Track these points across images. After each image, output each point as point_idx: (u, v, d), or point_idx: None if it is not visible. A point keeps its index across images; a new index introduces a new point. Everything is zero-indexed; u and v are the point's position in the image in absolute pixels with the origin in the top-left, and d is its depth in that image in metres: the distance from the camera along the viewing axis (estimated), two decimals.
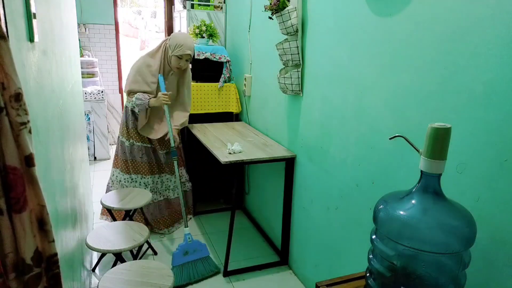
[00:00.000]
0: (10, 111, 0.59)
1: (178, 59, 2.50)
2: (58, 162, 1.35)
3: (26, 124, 0.62)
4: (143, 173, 2.74)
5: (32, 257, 0.64)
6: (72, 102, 2.03)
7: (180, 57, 2.49)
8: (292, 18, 2.03)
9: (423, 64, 1.31)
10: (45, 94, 1.19)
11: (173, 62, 2.52)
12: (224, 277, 2.35)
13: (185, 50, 2.47)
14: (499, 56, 1.05)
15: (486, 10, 1.08)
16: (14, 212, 0.61)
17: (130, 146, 2.69)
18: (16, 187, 0.61)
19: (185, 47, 2.46)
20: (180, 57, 2.49)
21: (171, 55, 2.49)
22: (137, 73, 2.55)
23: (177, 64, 2.52)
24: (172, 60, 2.51)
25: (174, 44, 2.47)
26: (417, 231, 0.89)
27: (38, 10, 1.13)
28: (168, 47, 2.51)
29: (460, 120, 1.18)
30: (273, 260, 2.52)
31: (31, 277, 0.65)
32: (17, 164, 0.61)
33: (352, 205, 1.78)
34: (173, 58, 2.50)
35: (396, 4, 1.42)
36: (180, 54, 2.47)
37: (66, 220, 1.45)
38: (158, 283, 1.55)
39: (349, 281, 1.16)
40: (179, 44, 2.46)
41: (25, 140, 0.61)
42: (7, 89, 0.58)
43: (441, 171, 0.91)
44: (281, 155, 2.27)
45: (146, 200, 2.33)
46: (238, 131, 2.80)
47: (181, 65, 2.53)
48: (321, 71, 1.97)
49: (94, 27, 4.64)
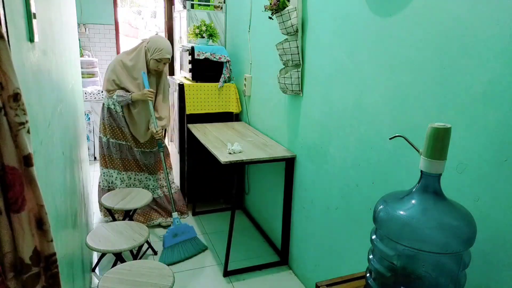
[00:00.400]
0: (9, 111, 0.59)
1: (157, 62, 2.63)
2: (58, 162, 1.35)
3: (24, 124, 0.62)
4: (119, 168, 2.83)
5: (30, 256, 0.65)
6: (72, 102, 2.03)
7: (159, 60, 2.62)
8: (292, 18, 2.03)
9: (423, 64, 1.31)
10: (45, 94, 1.19)
11: (151, 65, 2.64)
12: (224, 277, 2.35)
13: (164, 54, 2.60)
14: (499, 56, 1.05)
15: (486, 10, 1.08)
16: (13, 212, 0.62)
17: (107, 142, 2.79)
18: (15, 187, 0.61)
19: (164, 51, 2.60)
20: (159, 60, 2.62)
21: (150, 58, 2.62)
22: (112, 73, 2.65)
23: (155, 66, 2.64)
24: (151, 62, 2.63)
25: (154, 48, 2.59)
26: (417, 231, 0.89)
27: (38, 10, 1.13)
28: (146, 50, 2.63)
29: (460, 120, 1.18)
30: (273, 260, 2.52)
31: (29, 277, 0.66)
32: (16, 164, 0.61)
33: (352, 205, 1.78)
34: (152, 61, 2.62)
35: (396, 4, 1.42)
36: (160, 58, 2.60)
37: (66, 220, 1.45)
38: (158, 283, 1.55)
39: (349, 281, 1.16)
40: (159, 48, 2.59)
41: (23, 140, 0.61)
42: (6, 89, 0.58)
43: (441, 171, 0.91)
44: (281, 155, 2.27)
45: (146, 200, 2.33)
46: (238, 131, 2.80)
47: (159, 67, 2.66)
48: (321, 71, 1.97)
49: (94, 27, 4.64)
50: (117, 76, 2.64)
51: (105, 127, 2.76)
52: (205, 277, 2.35)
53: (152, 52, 2.59)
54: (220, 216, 3.14)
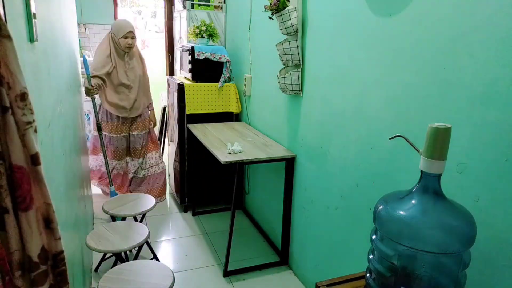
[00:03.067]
0: (16, 110, 0.59)
1: (125, 39, 2.88)
2: (58, 162, 1.35)
3: (31, 123, 0.63)
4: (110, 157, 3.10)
5: (38, 254, 0.65)
6: (72, 102, 2.03)
7: (125, 37, 2.87)
8: (292, 18, 2.03)
9: (423, 64, 1.31)
10: (45, 94, 1.19)
11: (122, 44, 2.88)
12: (224, 277, 2.35)
13: (125, 29, 2.86)
14: (499, 56, 1.05)
15: (486, 10, 1.09)
16: (21, 211, 0.62)
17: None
18: (22, 185, 0.61)
19: (124, 27, 2.87)
20: (125, 37, 2.87)
21: (118, 39, 2.87)
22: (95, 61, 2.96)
23: (125, 43, 2.89)
24: (120, 42, 2.88)
25: (116, 29, 2.88)
26: (417, 231, 0.89)
27: (38, 10, 1.13)
28: (113, 35, 2.90)
29: (460, 120, 1.18)
30: (273, 260, 2.53)
31: (38, 275, 0.66)
32: (23, 163, 0.61)
33: (352, 205, 1.78)
34: (121, 40, 2.88)
35: (396, 4, 1.42)
36: (124, 35, 2.86)
37: (66, 220, 1.45)
38: (158, 283, 1.55)
39: (349, 281, 1.17)
40: (119, 26, 2.88)
41: (30, 139, 0.62)
42: (13, 88, 0.58)
43: (441, 171, 0.91)
44: (281, 155, 2.28)
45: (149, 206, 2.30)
46: (238, 131, 2.80)
47: (129, 43, 2.90)
48: (321, 71, 1.97)
49: (94, 27, 4.64)
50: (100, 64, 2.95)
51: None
52: (205, 277, 2.35)
53: (117, 33, 2.87)
54: (220, 216, 3.14)
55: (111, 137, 3.06)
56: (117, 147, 3.09)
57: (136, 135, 3.13)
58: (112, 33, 2.90)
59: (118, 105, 2.97)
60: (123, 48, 2.90)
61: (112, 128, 3.04)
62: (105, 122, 3.02)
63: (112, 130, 3.04)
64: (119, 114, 3.00)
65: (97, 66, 2.88)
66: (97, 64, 2.89)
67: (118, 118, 3.03)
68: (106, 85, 2.92)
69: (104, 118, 3.02)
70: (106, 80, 2.91)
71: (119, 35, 2.87)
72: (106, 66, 2.89)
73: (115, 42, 2.90)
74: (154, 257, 2.38)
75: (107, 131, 3.04)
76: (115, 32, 2.88)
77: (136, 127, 3.13)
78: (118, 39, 2.87)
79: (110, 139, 3.06)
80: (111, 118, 3.02)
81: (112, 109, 2.97)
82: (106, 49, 2.91)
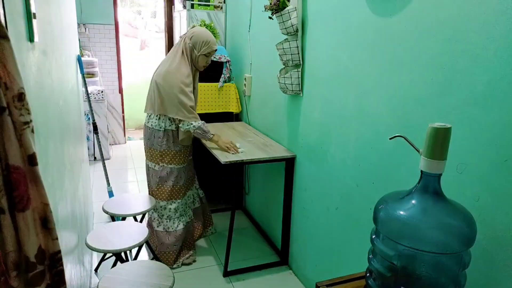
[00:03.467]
0: (13, 110, 0.59)
1: (205, 57, 2.38)
2: (58, 162, 1.35)
3: (29, 124, 0.63)
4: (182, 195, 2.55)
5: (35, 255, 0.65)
6: (72, 102, 2.03)
7: (207, 55, 2.37)
8: (292, 18, 2.03)
9: (423, 64, 1.31)
10: (45, 94, 1.19)
11: (200, 62, 2.37)
12: (224, 277, 2.35)
13: (212, 46, 2.36)
14: (499, 56, 1.05)
15: (486, 10, 1.09)
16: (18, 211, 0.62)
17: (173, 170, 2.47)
18: (19, 186, 0.61)
19: (212, 43, 2.36)
20: (207, 55, 2.37)
21: (198, 55, 2.35)
22: (184, 94, 2.29)
23: (204, 62, 2.39)
24: (199, 59, 2.36)
25: (201, 42, 2.33)
26: (417, 231, 0.89)
27: (38, 10, 1.13)
28: (191, 48, 2.34)
29: (460, 120, 1.18)
30: (273, 260, 2.52)
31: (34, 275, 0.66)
32: (20, 163, 0.61)
33: (352, 205, 1.78)
34: (201, 58, 2.36)
35: (396, 4, 1.42)
36: (208, 52, 2.35)
37: (66, 220, 1.45)
38: (158, 283, 1.55)
39: (349, 281, 1.16)
40: (206, 41, 2.33)
41: (28, 139, 0.62)
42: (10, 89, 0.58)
43: (441, 171, 0.91)
44: (281, 155, 2.27)
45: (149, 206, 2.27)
46: (238, 131, 2.80)
47: (208, 62, 2.42)
48: (321, 71, 1.97)
49: (94, 27, 4.64)
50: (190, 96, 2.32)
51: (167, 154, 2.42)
52: (205, 277, 2.35)
53: (200, 47, 2.33)
54: (220, 216, 3.14)
55: (181, 168, 2.47)
56: (189, 176, 2.60)
57: (191, 159, 2.64)
58: (192, 45, 2.33)
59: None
60: (199, 66, 2.40)
61: (181, 158, 2.46)
62: (172, 152, 2.41)
63: (181, 161, 2.46)
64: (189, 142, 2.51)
65: (190, 95, 2.30)
66: (188, 91, 2.30)
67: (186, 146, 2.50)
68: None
69: (171, 148, 2.40)
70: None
71: (202, 51, 2.33)
72: (191, 92, 2.35)
73: (192, 57, 2.35)
74: (154, 257, 2.38)
75: (175, 163, 2.43)
76: (197, 46, 2.33)
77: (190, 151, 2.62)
78: (199, 55, 2.34)
79: (179, 171, 2.45)
80: (179, 147, 2.44)
81: (188, 139, 2.47)
82: (186, 66, 2.33)
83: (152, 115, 2.39)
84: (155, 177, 2.44)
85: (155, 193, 2.46)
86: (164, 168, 2.42)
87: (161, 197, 2.45)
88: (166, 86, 2.27)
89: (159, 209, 2.47)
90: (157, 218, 2.47)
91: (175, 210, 2.47)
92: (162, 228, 2.46)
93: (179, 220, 2.48)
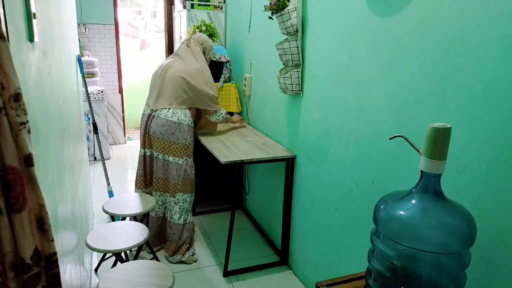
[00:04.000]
0: (9, 111, 0.59)
1: (209, 60, 2.64)
2: (58, 162, 1.35)
3: (25, 124, 0.62)
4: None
5: (31, 256, 0.65)
6: (72, 102, 2.03)
7: (212, 59, 2.64)
8: (292, 18, 2.03)
9: (423, 64, 1.31)
10: (45, 94, 1.19)
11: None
12: (224, 277, 2.35)
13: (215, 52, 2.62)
14: (499, 56, 1.05)
15: (486, 10, 1.08)
16: (14, 212, 0.62)
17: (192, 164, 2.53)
18: (16, 186, 0.61)
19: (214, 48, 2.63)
20: (212, 59, 2.64)
21: (207, 58, 2.61)
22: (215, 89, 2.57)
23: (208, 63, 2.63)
24: (207, 61, 2.61)
25: (210, 47, 2.61)
26: (417, 231, 0.89)
27: (38, 10, 1.13)
28: (203, 51, 2.58)
29: (460, 120, 1.18)
30: (273, 260, 2.52)
31: (30, 276, 0.66)
32: (17, 164, 0.61)
33: (352, 205, 1.78)
34: (208, 61, 2.62)
35: (396, 4, 1.42)
36: (214, 56, 2.61)
37: (66, 220, 1.45)
38: (158, 283, 1.55)
39: (349, 281, 1.16)
40: (212, 46, 2.62)
41: (24, 140, 0.61)
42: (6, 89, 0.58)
43: (441, 171, 0.91)
44: (281, 155, 2.27)
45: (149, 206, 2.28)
46: (237, 131, 2.80)
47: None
48: (321, 71, 1.97)
49: (94, 27, 4.64)
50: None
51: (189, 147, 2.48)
52: (205, 277, 2.35)
53: (209, 51, 2.61)
54: (220, 216, 3.14)
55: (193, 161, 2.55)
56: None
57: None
58: (203, 49, 2.59)
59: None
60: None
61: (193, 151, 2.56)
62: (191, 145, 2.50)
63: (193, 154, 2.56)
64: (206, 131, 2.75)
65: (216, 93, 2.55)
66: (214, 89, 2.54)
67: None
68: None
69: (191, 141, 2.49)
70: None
71: (210, 55, 2.65)
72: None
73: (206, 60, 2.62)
74: (154, 257, 2.38)
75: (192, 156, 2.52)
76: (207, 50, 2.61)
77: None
78: (207, 59, 2.63)
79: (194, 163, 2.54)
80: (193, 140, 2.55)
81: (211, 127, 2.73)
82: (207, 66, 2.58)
83: (175, 110, 2.41)
84: (180, 171, 2.44)
85: (179, 187, 2.46)
86: (187, 161, 2.46)
87: (185, 189, 2.48)
88: (199, 82, 2.45)
89: (181, 202, 2.48)
90: (178, 211, 2.49)
91: (190, 202, 2.54)
92: (183, 221, 2.50)
93: (191, 211, 2.57)
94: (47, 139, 1.14)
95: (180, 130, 2.40)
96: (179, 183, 2.46)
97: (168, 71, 2.45)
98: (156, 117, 2.43)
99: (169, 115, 2.40)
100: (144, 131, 2.50)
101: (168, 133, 2.41)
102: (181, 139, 2.41)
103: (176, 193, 2.46)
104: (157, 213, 2.57)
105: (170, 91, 2.42)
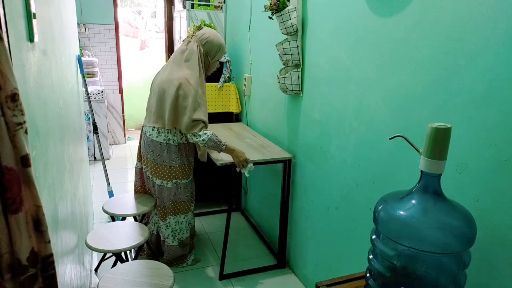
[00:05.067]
0: (6, 111, 0.59)
1: (216, 62, 2.25)
2: (58, 162, 1.35)
3: (22, 125, 0.62)
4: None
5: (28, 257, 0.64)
6: (72, 102, 2.03)
7: (218, 60, 2.24)
8: (292, 18, 2.02)
9: (423, 64, 1.31)
10: (45, 94, 1.19)
11: (212, 68, 2.25)
12: (220, 280, 2.32)
13: (225, 50, 2.22)
14: (499, 56, 1.05)
15: (486, 10, 1.08)
16: (10, 213, 0.61)
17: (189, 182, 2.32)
18: (12, 187, 0.61)
19: (223, 46, 2.21)
20: (218, 60, 2.24)
21: (212, 61, 2.21)
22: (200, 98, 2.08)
23: (215, 67, 2.27)
24: (212, 66, 2.24)
25: (216, 49, 2.18)
26: (417, 231, 0.89)
27: (38, 10, 1.13)
28: (205, 55, 2.18)
29: (460, 120, 1.17)
30: (272, 261, 2.52)
31: (26, 278, 0.65)
32: (13, 164, 0.61)
33: (352, 205, 1.78)
34: (214, 64, 2.23)
35: (396, 4, 1.41)
36: (222, 56, 2.23)
37: (66, 220, 1.45)
38: (158, 283, 1.55)
39: (349, 281, 1.16)
40: (219, 46, 2.19)
41: (21, 140, 0.61)
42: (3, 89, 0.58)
43: (441, 171, 0.91)
44: (278, 157, 2.25)
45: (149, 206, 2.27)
46: (235, 132, 2.80)
47: (217, 66, 2.30)
48: (321, 71, 1.97)
49: (94, 27, 4.64)
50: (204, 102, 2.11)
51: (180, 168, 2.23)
52: (205, 277, 2.35)
53: (215, 53, 2.19)
54: (220, 216, 3.14)
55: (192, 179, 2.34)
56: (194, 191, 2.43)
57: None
58: (205, 52, 2.17)
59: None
60: (209, 72, 2.25)
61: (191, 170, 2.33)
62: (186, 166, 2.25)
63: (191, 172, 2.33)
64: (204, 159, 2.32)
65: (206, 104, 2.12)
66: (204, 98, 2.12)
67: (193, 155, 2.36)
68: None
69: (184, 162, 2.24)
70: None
71: (216, 57, 2.20)
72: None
73: (205, 64, 2.19)
74: (154, 257, 2.38)
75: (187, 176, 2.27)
76: (212, 53, 2.18)
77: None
78: (212, 62, 2.21)
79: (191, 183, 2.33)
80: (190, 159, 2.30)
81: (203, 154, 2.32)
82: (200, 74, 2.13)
83: (160, 129, 2.12)
84: (169, 195, 2.22)
85: (169, 211, 2.25)
86: (178, 184, 2.23)
87: (177, 212, 2.28)
88: (169, 95, 2.03)
89: (173, 224, 2.28)
90: (171, 235, 2.29)
91: (187, 221, 2.35)
92: (178, 242, 2.34)
93: (188, 228, 2.39)
94: (47, 139, 1.14)
95: (167, 151, 2.14)
96: (169, 206, 2.25)
97: (156, 81, 2.18)
98: (144, 134, 2.23)
99: (154, 135, 2.14)
100: (139, 145, 2.32)
101: (155, 154, 2.16)
102: (168, 162, 2.15)
103: (167, 216, 2.26)
104: (152, 229, 2.39)
105: (155, 106, 2.13)
